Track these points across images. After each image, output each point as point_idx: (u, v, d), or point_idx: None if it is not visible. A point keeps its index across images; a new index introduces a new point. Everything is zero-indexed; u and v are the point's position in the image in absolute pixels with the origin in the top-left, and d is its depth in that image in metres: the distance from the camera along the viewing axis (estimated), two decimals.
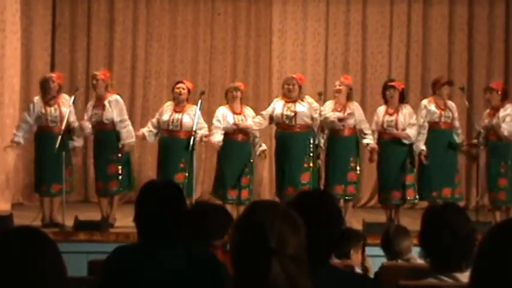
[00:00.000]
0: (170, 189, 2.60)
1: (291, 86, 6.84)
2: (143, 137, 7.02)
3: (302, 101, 6.90)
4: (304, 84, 9.17)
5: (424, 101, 7.11)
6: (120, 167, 6.82)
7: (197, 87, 8.25)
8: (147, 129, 6.98)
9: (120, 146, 6.76)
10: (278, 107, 6.87)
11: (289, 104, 6.85)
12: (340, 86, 6.94)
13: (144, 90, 9.48)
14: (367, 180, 9.00)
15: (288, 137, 6.83)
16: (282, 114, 6.81)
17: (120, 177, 6.81)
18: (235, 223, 1.78)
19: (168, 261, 2.43)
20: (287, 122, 6.80)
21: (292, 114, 6.79)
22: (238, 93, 6.94)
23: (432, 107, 6.93)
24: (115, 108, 6.80)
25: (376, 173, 7.13)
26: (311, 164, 6.80)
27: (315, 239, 1.80)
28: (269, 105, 7.23)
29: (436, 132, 6.92)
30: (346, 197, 6.88)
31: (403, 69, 9.37)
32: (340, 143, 6.89)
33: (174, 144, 6.75)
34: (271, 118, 6.91)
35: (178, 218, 2.51)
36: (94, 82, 6.85)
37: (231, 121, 6.83)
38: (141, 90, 9.47)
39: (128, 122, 6.92)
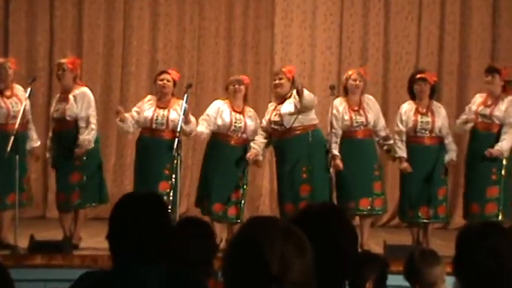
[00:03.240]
0: (152, 201, 2.60)
1: (277, 81, 6.85)
2: (121, 119, 6.77)
3: (289, 97, 6.83)
4: (312, 75, 9.25)
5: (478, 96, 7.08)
6: (84, 176, 6.81)
7: (183, 78, 8.25)
8: (130, 117, 6.85)
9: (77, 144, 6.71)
10: (268, 113, 6.88)
11: (278, 106, 6.83)
12: (360, 81, 6.93)
13: (120, 83, 9.49)
14: (389, 193, 8.99)
15: (280, 143, 6.84)
16: (270, 121, 6.82)
17: (84, 187, 6.80)
18: (228, 245, 1.78)
19: None
20: (275, 128, 6.79)
21: (278, 119, 6.78)
22: (242, 88, 6.90)
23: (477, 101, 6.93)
24: (81, 103, 6.80)
25: (399, 185, 7.12)
26: (311, 174, 6.79)
27: (324, 263, 1.79)
28: (270, 102, 7.23)
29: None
30: (374, 212, 6.93)
31: (435, 56, 9.36)
32: (358, 147, 6.89)
33: (157, 146, 6.71)
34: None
35: (161, 237, 2.51)
36: (60, 72, 6.85)
37: (227, 119, 6.82)
38: (118, 82, 9.47)
39: (94, 122, 6.83)
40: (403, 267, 4.06)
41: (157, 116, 6.78)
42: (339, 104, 6.91)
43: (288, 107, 6.76)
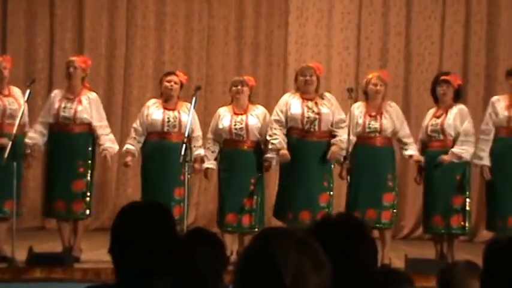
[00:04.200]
0: (157, 211, 2.59)
1: (308, 78, 6.84)
2: (133, 157, 6.93)
3: (322, 98, 6.89)
4: (328, 78, 9.24)
5: (494, 98, 7.05)
6: (89, 183, 6.81)
7: (191, 80, 8.27)
8: (133, 143, 6.88)
9: (98, 151, 6.78)
10: (295, 105, 6.87)
11: (309, 103, 6.86)
12: (381, 86, 6.91)
13: (124, 85, 9.52)
14: (411, 204, 8.97)
15: (304, 146, 6.83)
16: (303, 116, 6.82)
17: (88, 197, 6.81)
18: (240, 258, 1.77)
19: None
20: (307, 126, 6.81)
21: (316, 116, 6.79)
22: (245, 89, 6.89)
23: (501, 105, 6.89)
24: (96, 108, 6.85)
25: (422, 195, 7.10)
26: (331, 183, 6.82)
27: (342, 278, 1.78)
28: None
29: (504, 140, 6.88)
30: (378, 225, 6.85)
31: (459, 58, 9.34)
32: (373, 154, 6.87)
33: (169, 150, 6.70)
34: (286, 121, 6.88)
35: (168, 249, 2.51)
36: (71, 70, 6.87)
37: (226, 123, 6.80)
38: (121, 84, 9.50)
39: (110, 130, 6.98)
40: (436, 282, 4.01)
41: (168, 118, 6.80)
42: (356, 108, 6.92)
43: (326, 109, 6.77)
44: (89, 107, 6.81)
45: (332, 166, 6.86)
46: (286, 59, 9.42)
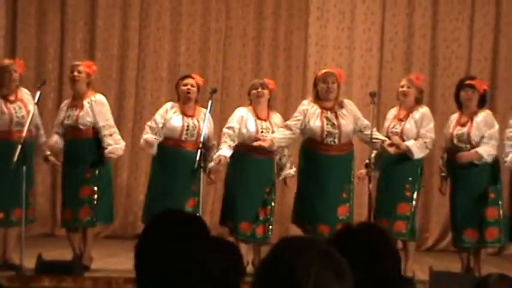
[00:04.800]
0: (197, 223, 2.49)
1: (330, 85, 6.83)
2: (150, 145, 6.81)
3: (341, 107, 6.89)
4: (350, 82, 9.23)
5: None
6: (96, 189, 6.84)
7: (207, 83, 8.28)
8: (154, 137, 6.84)
9: (102, 155, 6.77)
10: (314, 117, 6.79)
11: (328, 113, 6.86)
12: (408, 87, 6.90)
13: (136, 88, 9.55)
14: (435, 214, 8.95)
15: (324, 160, 6.80)
16: (322, 129, 6.81)
17: (95, 203, 6.81)
18: (258, 268, 1.76)
19: None
20: (326, 140, 6.81)
21: (336, 131, 6.79)
22: (266, 92, 6.88)
23: None
24: (98, 111, 6.84)
25: (450, 206, 7.06)
26: (351, 193, 6.82)
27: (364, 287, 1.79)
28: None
29: None
30: (392, 236, 6.85)
31: (488, 62, 9.31)
32: (391, 161, 6.86)
33: (184, 159, 6.69)
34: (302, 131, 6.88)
35: (201, 269, 2.41)
36: (75, 74, 6.89)
37: (252, 128, 6.82)
38: (133, 87, 9.54)
39: (115, 129, 6.95)
40: None
41: (187, 126, 6.81)
42: (390, 112, 7.01)
43: (346, 120, 6.76)
44: (90, 110, 6.80)
45: (352, 176, 6.86)
46: (306, 62, 9.43)
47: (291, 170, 6.99)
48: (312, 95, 6.93)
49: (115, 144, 6.84)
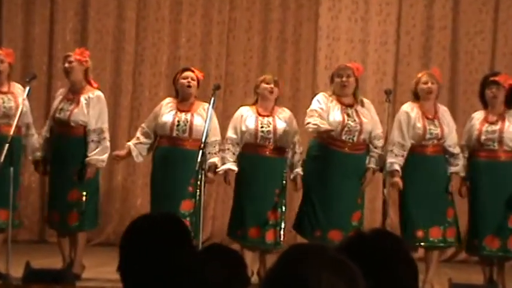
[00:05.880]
0: (172, 224, 2.61)
1: (344, 79, 6.85)
2: (127, 154, 7.00)
3: (362, 105, 6.89)
4: (364, 77, 9.23)
5: None
6: (84, 193, 6.83)
7: (208, 78, 8.30)
8: (135, 141, 6.96)
9: (86, 162, 6.76)
10: (334, 110, 6.81)
11: (349, 110, 6.86)
12: (433, 83, 6.92)
13: (133, 84, 9.56)
14: None
15: (339, 158, 6.82)
16: (343, 125, 6.81)
17: (83, 208, 6.81)
18: (265, 279, 1.77)
19: None
20: (345, 137, 6.82)
21: (357, 127, 6.80)
22: (276, 90, 6.91)
23: None
24: (92, 111, 6.84)
25: (468, 212, 7.07)
26: (364, 199, 6.88)
27: None
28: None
29: None
30: (447, 244, 6.96)
31: None
32: (429, 164, 6.85)
33: (179, 158, 6.75)
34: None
35: (182, 268, 2.52)
36: (66, 65, 6.90)
37: (252, 124, 6.85)
38: (130, 83, 9.54)
39: (106, 135, 6.90)
40: None
41: (178, 121, 6.82)
42: (410, 109, 6.89)
43: (366, 117, 6.78)
44: (86, 108, 6.81)
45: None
46: (316, 56, 9.44)
47: (299, 169, 7.00)
48: (330, 91, 6.94)
49: (99, 154, 6.81)
